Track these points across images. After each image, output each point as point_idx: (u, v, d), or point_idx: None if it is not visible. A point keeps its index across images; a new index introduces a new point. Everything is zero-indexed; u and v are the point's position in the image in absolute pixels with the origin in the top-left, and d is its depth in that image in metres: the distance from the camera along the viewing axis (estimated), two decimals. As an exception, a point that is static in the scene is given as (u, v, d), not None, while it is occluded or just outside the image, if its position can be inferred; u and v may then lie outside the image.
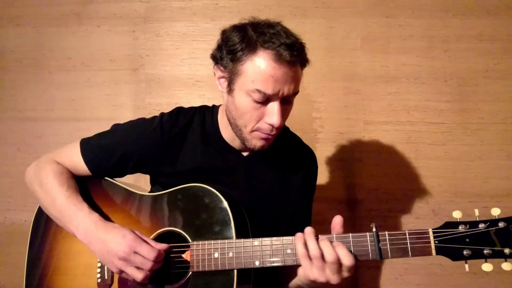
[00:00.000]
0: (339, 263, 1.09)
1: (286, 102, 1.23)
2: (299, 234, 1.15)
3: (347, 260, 1.08)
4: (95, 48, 2.32)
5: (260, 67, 1.16)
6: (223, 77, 1.26)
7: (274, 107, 1.20)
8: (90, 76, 2.32)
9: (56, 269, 1.38)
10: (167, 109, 1.45)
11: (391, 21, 2.26)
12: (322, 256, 1.09)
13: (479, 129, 2.20)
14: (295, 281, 1.33)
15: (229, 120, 1.31)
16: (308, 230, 1.14)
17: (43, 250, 1.40)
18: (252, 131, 1.25)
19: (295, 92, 1.22)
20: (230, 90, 1.24)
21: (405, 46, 2.25)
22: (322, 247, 1.10)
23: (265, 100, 1.19)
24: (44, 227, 1.41)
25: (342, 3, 2.28)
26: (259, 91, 1.16)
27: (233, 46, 1.20)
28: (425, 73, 2.23)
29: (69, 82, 2.32)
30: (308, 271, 1.13)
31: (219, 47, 1.26)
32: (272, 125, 1.22)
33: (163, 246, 1.25)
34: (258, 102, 1.19)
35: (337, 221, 1.16)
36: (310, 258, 1.11)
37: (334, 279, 1.11)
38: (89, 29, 2.33)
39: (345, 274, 1.11)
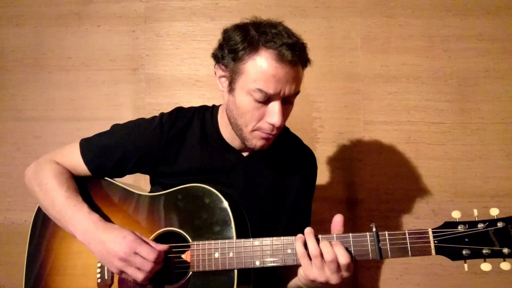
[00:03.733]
0: (337, 262, 1.09)
1: (287, 102, 1.23)
2: (299, 235, 1.16)
3: (343, 258, 1.09)
4: (95, 48, 2.32)
5: (261, 66, 1.16)
6: (224, 76, 1.26)
7: (275, 106, 1.20)
8: (90, 76, 2.32)
9: (55, 269, 1.38)
10: (167, 109, 1.45)
11: (391, 21, 2.26)
12: (321, 256, 1.10)
13: (479, 129, 2.20)
14: (294, 281, 1.33)
15: (229, 120, 1.31)
16: (308, 230, 1.15)
17: (43, 250, 1.40)
18: (253, 130, 1.25)
19: (296, 92, 1.22)
20: (231, 89, 1.24)
21: (405, 46, 2.25)
22: (321, 247, 1.11)
23: (266, 99, 1.19)
24: (43, 227, 1.41)
25: (342, 3, 2.28)
26: (260, 90, 1.16)
27: (235, 45, 1.20)
28: (425, 73, 2.23)
29: (69, 82, 2.32)
30: (307, 271, 1.13)
31: (220, 46, 1.26)
32: (273, 125, 1.22)
33: (163, 247, 1.25)
34: (259, 102, 1.19)
35: (337, 220, 1.16)
36: (309, 257, 1.12)
37: (333, 278, 1.11)
38: (89, 29, 2.33)
39: (344, 273, 1.12)
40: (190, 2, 2.32)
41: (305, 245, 1.13)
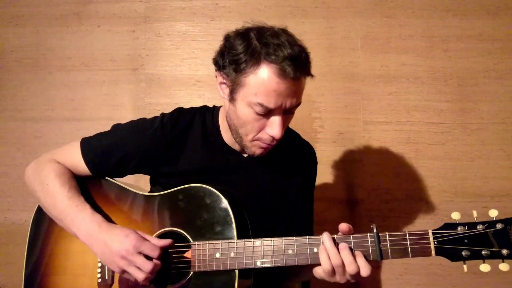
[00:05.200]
0: (359, 271, 1.11)
1: (287, 113, 1.23)
2: (321, 246, 1.15)
3: (364, 271, 1.11)
4: (95, 48, 2.33)
5: (263, 80, 1.14)
6: (224, 83, 1.25)
7: (276, 120, 1.20)
8: (90, 76, 2.32)
9: (55, 269, 1.37)
10: (167, 109, 1.45)
11: (391, 21, 2.27)
12: (343, 265, 1.11)
13: (479, 129, 2.20)
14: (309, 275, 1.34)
15: (229, 127, 1.31)
16: (328, 243, 1.14)
17: (42, 250, 1.39)
18: (253, 140, 1.25)
19: (297, 104, 1.22)
20: (232, 98, 1.23)
21: (405, 46, 2.25)
22: (343, 257, 1.11)
23: (267, 113, 1.19)
24: (43, 226, 1.40)
25: (342, 3, 2.28)
26: (261, 105, 1.16)
27: (236, 56, 1.18)
28: (425, 73, 2.24)
29: (69, 82, 2.32)
30: (330, 278, 1.15)
31: (221, 53, 1.24)
32: (273, 137, 1.22)
33: (165, 242, 1.25)
34: (259, 114, 1.19)
35: (345, 231, 1.16)
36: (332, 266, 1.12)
37: (353, 279, 1.14)
38: (89, 29, 2.33)
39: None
40: (190, 2, 2.32)
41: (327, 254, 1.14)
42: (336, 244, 1.13)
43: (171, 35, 2.32)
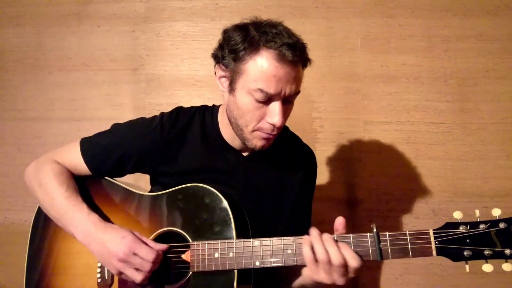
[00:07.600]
0: (345, 266, 1.09)
1: (287, 102, 1.24)
2: (305, 237, 1.15)
3: (353, 262, 1.09)
4: (95, 48, 2.32)
5: (262, 66, 1.16)
6: (224, 76, 1.26)
7: (275, 106, 1.20)
8: (90, 76, 2.32)
9: (56, 269, 1.38)
10: (167, 109, 1.45)
11: (391, 21, 2.26)
12: (329, 259, 1.10)
13: (479, 129, 2.20)
14: (299, 281, 1.33)
15: (229, 120, 1.31)
16: (314, 232, 1.14)
17: (43, 250, 1.40)
18: (253, 130, 1.25)
19: (297, 92, 1.22)
20: (231, 89, 1.24)
21: (405, 46, 2.25)
22: (329, 250, 1.10)
23: (267, 99, 1.19)
24: (44, 227, 1.41)
25: (342, 3, 2.27)
26: (261, 90, 1.17)
27: (235, 46, 1.20)
28: (425, 73, 2.23)
29: (69, 82, 2.32)
30: (315, 275, 1.13)
31: (220, 46, 1.26)
32: (273, 125, 1.22)
33: (162, 246, 1.25)
34: (260, 102, 1.19)
35: (339, 222, 1.16)
36: (317, 261, 1.11)
37: (340, 280, 1.11)
38: (89, 29, 2.33)
39: (352, 275, 1.12)
40: (190, 2, 2.32)
41: (312, 248, 1.13)
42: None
43: (171, 35, 2.32)
